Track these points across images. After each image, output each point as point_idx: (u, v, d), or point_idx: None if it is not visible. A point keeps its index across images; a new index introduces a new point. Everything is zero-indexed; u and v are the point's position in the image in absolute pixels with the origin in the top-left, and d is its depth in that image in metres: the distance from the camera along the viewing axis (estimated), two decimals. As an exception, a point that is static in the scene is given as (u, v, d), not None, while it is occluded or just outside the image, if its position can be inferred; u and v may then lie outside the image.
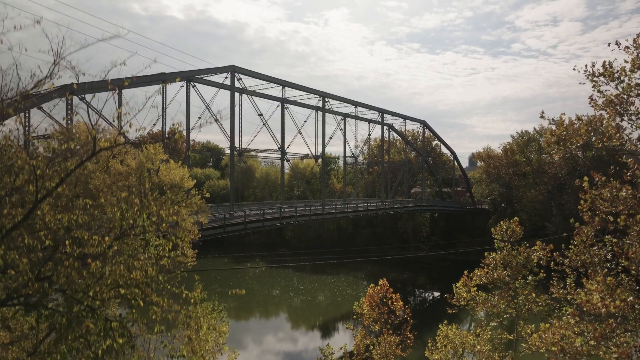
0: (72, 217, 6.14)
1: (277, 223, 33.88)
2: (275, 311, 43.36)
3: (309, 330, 37.02)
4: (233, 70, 32.02)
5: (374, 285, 19.61)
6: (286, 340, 34.94)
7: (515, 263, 16.52)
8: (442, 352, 17.70)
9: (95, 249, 6.13)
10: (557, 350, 12.30)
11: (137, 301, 6.07)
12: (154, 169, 18.37)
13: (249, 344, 33.30)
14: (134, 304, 6.23)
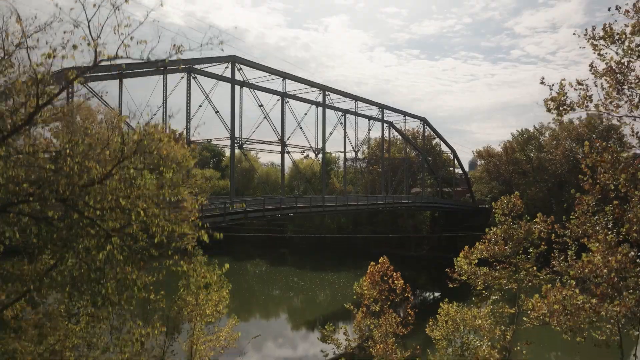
0: (72, 139, 6.15)
1: (277, 214, 33.83)
2: (276, 311, 43.09)
3: (309, 330, 36.71)
4: (233, 60, 32.14)
5: (374, 263, 19.54)
6: (286, 341, 34.64)
7: (516, 236, 16.46)
8: (443, 329, 17.58)
9: (98, 171, 6.13)
10: (559, 308, 12.23)
11: (139, 213, 6.04)
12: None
13: (249, 345, 33.09)
14: (134, 217, 6.20)
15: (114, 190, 6.09)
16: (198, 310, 12.51)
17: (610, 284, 11.24)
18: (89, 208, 5.85)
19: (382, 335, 18.40)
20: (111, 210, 5.97)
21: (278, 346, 32.75)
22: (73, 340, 8.78)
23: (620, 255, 11.21)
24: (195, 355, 12.80)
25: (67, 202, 5.77)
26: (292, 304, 45.60)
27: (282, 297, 47.18)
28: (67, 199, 5.81)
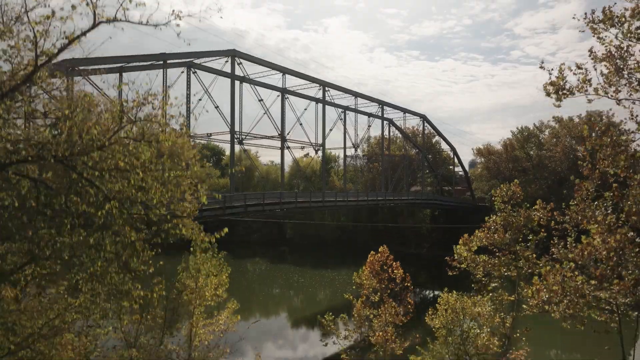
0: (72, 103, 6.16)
1: (277, 208, 33.82)
2: (276, 308, 42.99)
3: (310, 327, 36.59)
4: (233, 54, 32.17)
5: (374, 253, 19.54)
6: (287, 337, 34.60)
7: (515, 224, 16.47)
8: (442, 317, 17.55)
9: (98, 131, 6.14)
10: (558, 289, 12.22)
11: (138, 174, 6.05)
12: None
13: (249, 345, 33.04)
14: (132, 181, 6.21)
15: (114, 153, 6.11)
16: (197, 293, 12.51)
17: (609, 265, 11.25)
18: (88, 169, 5.85)
19: (382, 324, 18.39)
20: (110, 172, 5.97)
21: (279, 344, 32.74)
22: (72, 315, 8.78)
23: (619, 236, 11.22)
24: (194, 339, 12.80)
25: (66, 162, 5.77)
26: (293, 301, 45.56)
27: (282, 295, 47.15)
28: (66, 159, 5.82)
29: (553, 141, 58.84)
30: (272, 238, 78.51)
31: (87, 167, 5.86)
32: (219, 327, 13.20)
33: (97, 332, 10.05)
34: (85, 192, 5.76)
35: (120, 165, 6.00)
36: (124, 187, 6.25)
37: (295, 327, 36.95)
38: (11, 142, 5.59)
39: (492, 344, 16.58)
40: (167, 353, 12.14)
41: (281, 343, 33.12)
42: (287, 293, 47.80)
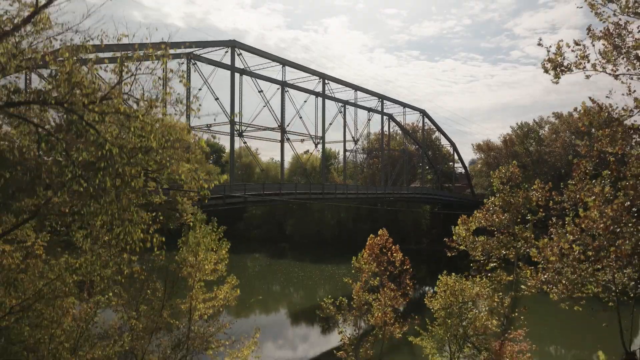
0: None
1: (276, 198, 33.88)
2: (275, 307, 42.99)
3: (310, 319, 36.62)
4: (233, 45, 32.25)
5: (373, 236, 19.59)
6: (288, 329, 34.65)
7: (514, 204, 16.52)
8: (442, 298, 17.59)
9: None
10: (556, 259, 12.29)
11: (137, 117, 6.12)
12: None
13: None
14: (132, 128, 6.29)
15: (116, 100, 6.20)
16: (197, 266, 12.57)
17: (606, 234, 11.31)
18: (88, 112, 5.93)
19: (382, 306, 18.44)
20: (110, 116, 6.04)
21: (281, 332, 32.81)
22: (72, 277, 8.83)
23: (616, 205, 11.29)
24: (194, 313, 12.86)
25: (66, 104, 5.85)
26: (294, 292, 45.64)
27: (283, 287, 47.21)
28: (66, 101, 5.90)
29: (553, 137, 58.92)
30: (272, 235, 78.47)
31: (87, 109, 5.94)
32: (218, 302, 13.25)
33: (98, 298, 10.11)
34: (86, 132, 5.84)
35: (120, 109, 6.08)
36: (124, 133, 6.34)
37: (296, 317, 37.00)
38: (11, 83, 5.66)
39: (490, 324, 16.63)
40: (167, 324, 12.20)
41: (283, 331, 33.21)
42: (287, 286, 47.87)
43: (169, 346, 12.44)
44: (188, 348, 12.57)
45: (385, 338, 19.13)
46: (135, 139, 6.31)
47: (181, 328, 12.73)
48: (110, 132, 6.17)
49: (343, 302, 20.32)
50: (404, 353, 27.47)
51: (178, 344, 12.51)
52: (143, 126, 6.46)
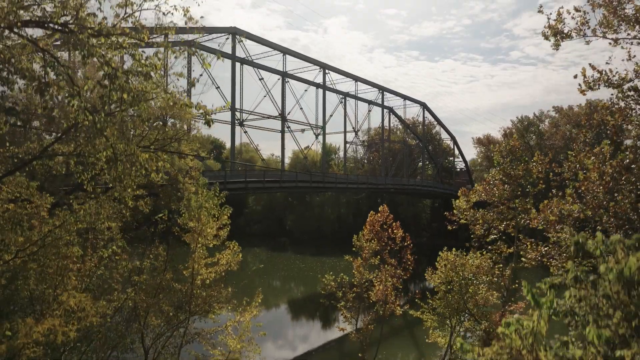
0: None
1: (277, 185, 33.96)
2: (276, 302, 43.00)
3: (310, 320, 36.62)
4: (234, 32, 32.36)
5: (373, 213, 19.68)
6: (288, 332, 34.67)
7: (514, 176, 16.60)
8: (442, 273, 17.66)
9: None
10: (555, 219, 12.36)
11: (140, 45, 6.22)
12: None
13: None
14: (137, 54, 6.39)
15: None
16: (199, 230, 12.64)
17: (606, 191, 11.39)
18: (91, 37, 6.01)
19: (383, 280, 18.52)
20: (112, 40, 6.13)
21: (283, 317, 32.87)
22: (77, 225, 8.91)
23: (615, 162, 11.37)
24: (196, 277, 12.93)
25: (68, 27, 5.94)
26: (294, 282, 45.71)
27: (284, 277, 47.25)
28: (67, 24, 5.99)
29: (553, 130, 58.97)
30: (272, 230, 78.45)
31: (89, 33, 6.02)
32: (221, 268, 13.32)
33: (102, 253, 10.18)
34: (91, 55, 5.93)
35: (123, 42, 6.17)
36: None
37: (297, 302, 37.06)
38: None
39: (491, 297, 16.71)
40: (169, 287, 12.28)
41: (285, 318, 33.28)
42: (288, 276, 47.94)
43: (171, 309, 12.52)
44: (190, 311, 12.65)
45: (385, 314, 19.21)
46: (139, 65, 6.41)
47: (184, 291, 12.79)
48: (114, 57, 6.27)
49: (344, 280, 20.42)
50: (404, 336, 27.59)
51: (180, 306, 12.59)
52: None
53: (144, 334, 11.96)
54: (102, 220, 9.14)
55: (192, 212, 12.78)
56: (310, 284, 42.44)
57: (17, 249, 8.36)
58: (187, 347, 13.48)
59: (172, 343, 13.19)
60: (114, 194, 9.18)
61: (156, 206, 15.60)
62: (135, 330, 11.99)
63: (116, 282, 10.47)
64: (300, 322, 33.77)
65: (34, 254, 8.56)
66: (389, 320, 28.51)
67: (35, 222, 8.59)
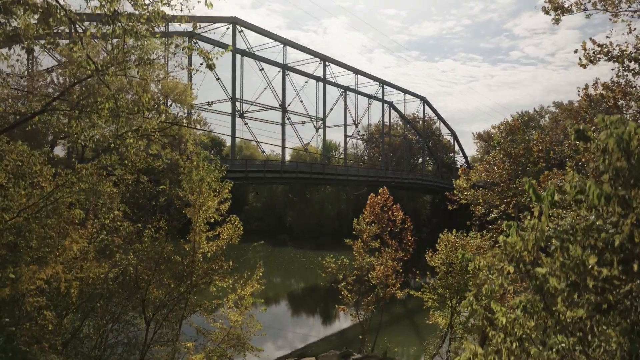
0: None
1: (277, 176, 34.00)
2: (276, 298, 43.00)
3: (310, 315, 36.59)
4: (234, 22, 32.41)
5: (373, 195, 19.71)
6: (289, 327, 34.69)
7: (515, 154, 16.66)
8: (442, 254, 17.67)
9: None
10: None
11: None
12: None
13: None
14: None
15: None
16: (200, 203, 12.65)
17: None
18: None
19: (383, 262, 18.54)
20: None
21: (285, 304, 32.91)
22: (79, 185, 8.92)
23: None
24: (197, 251, 12.95)
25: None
26: (296, 274, 45.75)
27: (285, 269, 47.28)
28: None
29: (553, 126, 59.02)
30: (272, 227, 78.50)
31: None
32: (222, 242, 13.33)
33: (103, 219, 10.20)
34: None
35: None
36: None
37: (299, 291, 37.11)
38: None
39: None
40: (169, 255, 12.30)
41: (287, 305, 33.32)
42: (289, 268, 47.99)
43: (172, 281, 12.54)
44: (191, 283, 12.66)
45: (386, 297, 19.23)
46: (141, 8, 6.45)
47: (185, 263, 12.81)
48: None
49: (345, 262, 20.44)
50: (404, 324, 27.61)
51: (181, 278, 12.60)
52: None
53: (145, 305, 11.96)
54: (104, 182, 9.17)
55: (193, 185, 12.80)
56: (310, 277, 42.50)
57: (20, 209, 8.39)
58: (188, 320, 13.51)
59: (173, 318, 13.21)
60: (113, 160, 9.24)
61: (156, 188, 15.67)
62: (137, 302, 12.01)
63: (117, 247, 10.49)
64: (301, 312, 33.77)
65: (37, 213, 8.57)
66: (390, 308, 28.60)
67: (38, 178, 8.61)
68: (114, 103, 7.30)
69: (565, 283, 3.14)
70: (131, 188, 13.14)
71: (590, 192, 2.85)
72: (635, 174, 2.77)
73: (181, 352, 12.92)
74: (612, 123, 3.02)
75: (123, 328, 12.53)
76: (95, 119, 8.01)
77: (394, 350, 18.93)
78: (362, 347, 19.21)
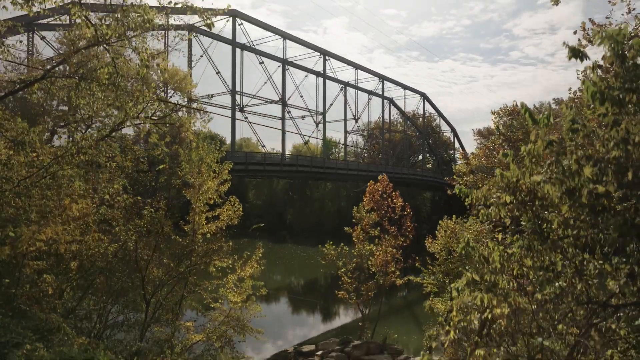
0: None
1: (277, 169, 34.03)
2: (276, 296, 42.98)
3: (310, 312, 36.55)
4: (234, 14, 32.46)
5: (372, 182, 19.74)
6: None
7: (514, 138, 16.67)
8: (442, 239, 17.70)
9: None
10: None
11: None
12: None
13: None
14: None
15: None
16: (200, 181, 12.68)
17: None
18: None
19: (384, 247, 18.57)
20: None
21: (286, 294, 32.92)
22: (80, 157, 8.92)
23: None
24: (197, 232, 12.97)
25: None
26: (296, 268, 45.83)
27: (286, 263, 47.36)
28: None
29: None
30: (272, 224, 78.51)
31: None
32: (221, 223, 13.35)
33: (102, 193, 10.21)
34: None
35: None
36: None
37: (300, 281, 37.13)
38: None
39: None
40: (169, 235, 12.31)
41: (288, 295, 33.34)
42: (290, 263, 48.09)
43: (172, 260, 12.55)
44: (191, 262, 12.67)
45: (385, 284, 19.25)
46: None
47: (184, 243, 12.82)
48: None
49: (345, 250, 20.47)
50: (403, 316, 27.64)
51: (181, 258, 12.61)
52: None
53: (145, 284, 11.96)
54: (104, 152, 9.20)
55: (192, 165, 12.83)
56: (310, 271, 42.57)
57: (20, 179, 8.41)
58: (188, 300, 13.50)
59: (173, 298, 13.20)
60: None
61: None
62: (137, 281, 12.01)
63: (116, 220, 10.50)
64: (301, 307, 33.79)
65: (37, 183, 8.59)
66: (390, 300, 28.65)
67: (37, 151, 8.63)
68: (113, 68, 7.32)
69: (561, 191, 3.17)
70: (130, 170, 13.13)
71: (585, 88, 2.87)
72: (629, 77, 2.80)
73: (181, 332, 12.95)
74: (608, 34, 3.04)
75: (122, 309, 12.54)
76: (95, 88, 8.02)
77: (393, 337, 18.93)
78: (362, 335, 19.22)
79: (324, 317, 33.89)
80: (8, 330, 5.31)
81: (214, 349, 12.96)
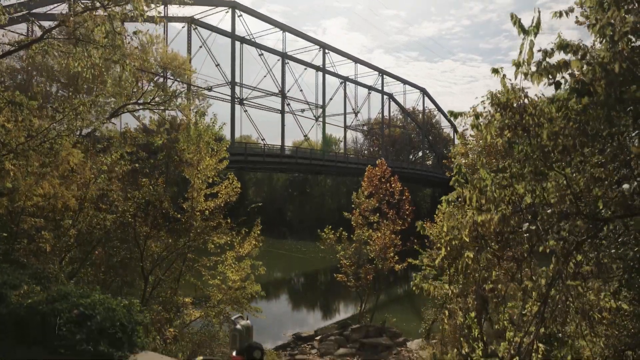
0: None
1: (277, 160, 34.07)
2: (276, 293, 42.97)
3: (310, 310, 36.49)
4: (234, 6, 32.51)
5: (371, 167, 19.77)
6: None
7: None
8: (440, 223, 17.68)
9: None
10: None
11: None
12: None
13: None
14: None
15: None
16: (198, 156, 12.71)
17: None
18: None
19: (382, 233, 18.59)
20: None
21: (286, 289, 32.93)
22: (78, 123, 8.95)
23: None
24: (196, 207, 13.00)
25: None
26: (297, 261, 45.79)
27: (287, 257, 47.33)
28: None
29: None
30: (272, 221, 78.51)
31: None
32: (220, 200, 13.37)
33: (100, 165, 10.22)
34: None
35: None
36: None
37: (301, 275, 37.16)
38: None
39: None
40: (167, 211, 12.34)
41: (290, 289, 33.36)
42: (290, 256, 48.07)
43: (170, 236, 12.58)
44: (189, 239, 12.69)
45: (384, 269, 19.26)
46: None
47: (183, 220, 12.85)
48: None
49: (343, 235, 20.49)
50: (402, 303, 27.65)
51: (179, 234, 12.64)
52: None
53: (144, 258, 11.98)
54: (102, 120, 9.23)
55: (191, 141, 12.87)
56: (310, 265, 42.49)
57: (18, 144, 8.43)
58: (186, 277, 13.51)
59: (171, 275, 13.22)
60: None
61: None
62: (136, 256, 12.04)
63: (115, 195, 10.52)
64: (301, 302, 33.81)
65: (35, 148, 8.60)
66: (389, 291, 28.63)
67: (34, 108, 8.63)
68: (110, 26, 7.35)
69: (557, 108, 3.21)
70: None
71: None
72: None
73: (179, 308, 12.96)
74: None
75: (122, 287, 12.55)
76: (92, 50, 8.04)
77: (392, 321, 18.96)
78: (361, 319, 19.25)
79: (324, 314, 33.79)
80: (5, 273, 5.35)
81: (212, 326, 13.00)
